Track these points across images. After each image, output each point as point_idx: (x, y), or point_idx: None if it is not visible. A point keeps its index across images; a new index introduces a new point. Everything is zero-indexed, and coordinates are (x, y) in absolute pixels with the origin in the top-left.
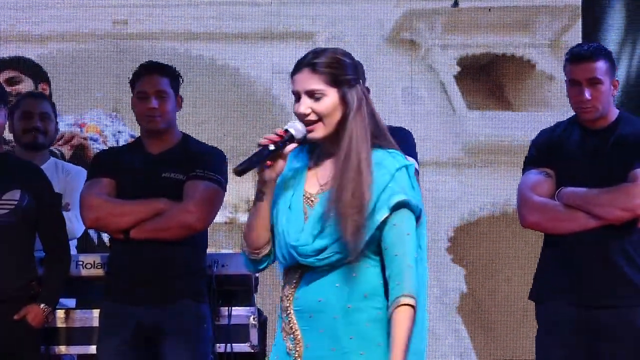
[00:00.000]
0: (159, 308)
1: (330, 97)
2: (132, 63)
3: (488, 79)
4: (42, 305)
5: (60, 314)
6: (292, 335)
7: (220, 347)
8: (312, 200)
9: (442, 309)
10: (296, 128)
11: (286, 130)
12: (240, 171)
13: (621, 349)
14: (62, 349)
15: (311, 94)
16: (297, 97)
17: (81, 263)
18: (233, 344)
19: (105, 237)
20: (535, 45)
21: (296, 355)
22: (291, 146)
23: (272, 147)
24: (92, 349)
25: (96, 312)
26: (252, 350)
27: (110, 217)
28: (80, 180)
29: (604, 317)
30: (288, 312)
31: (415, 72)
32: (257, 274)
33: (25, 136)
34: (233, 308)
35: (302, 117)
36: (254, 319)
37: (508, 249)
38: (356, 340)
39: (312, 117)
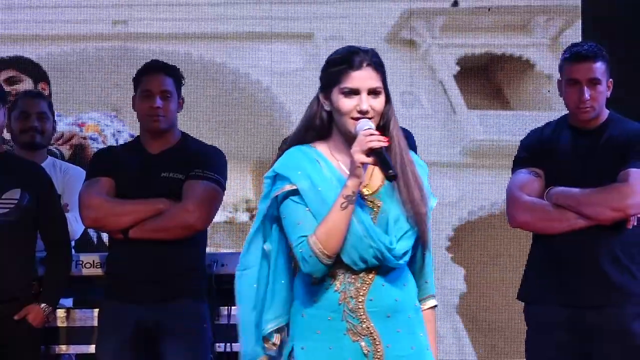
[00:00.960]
0: (158, 307)
1: (383, 95)
2: (132, 63)
3: (488, 79)
4: (42, 305)
5: (60, 313)
6: (368, 337)
7: (219, 347)
8: (371, 202)
9: (442, 309)
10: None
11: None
12: (397, 175)
13: (610, 349)
14: (62, 348)
15: (372, 92)
16: (351, 93)
17: (81, 263)
18: (232, 344)
19: (105, 236)
20: (535, 46)
21: (377, 356)
22: None
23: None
24: (92, 349)
25: (96, 312)
26: None
27: (109, 216)
28: (80, 181)
29: (592, 318)
30: (360, 313)
31: (414, 72)
32: None
33: (22, 136)
34: (232, 307)
35: (362, 114)
36: None
37: (508, 249)
38: (424, 337)
39: (370, 114)
